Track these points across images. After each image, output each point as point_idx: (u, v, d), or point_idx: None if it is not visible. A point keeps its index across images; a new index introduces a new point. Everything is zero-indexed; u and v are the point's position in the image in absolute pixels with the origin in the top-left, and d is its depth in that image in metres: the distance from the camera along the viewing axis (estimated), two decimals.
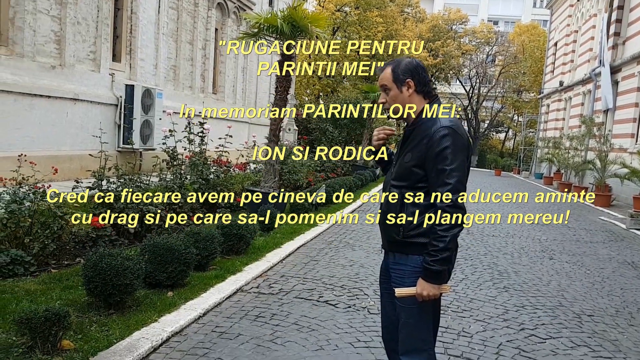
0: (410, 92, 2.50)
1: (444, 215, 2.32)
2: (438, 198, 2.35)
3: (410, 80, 2.49)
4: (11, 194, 4.79)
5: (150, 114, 11.40)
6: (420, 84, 2.51)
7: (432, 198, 2.38)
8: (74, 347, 3.23)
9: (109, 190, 5.82)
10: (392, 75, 2.52)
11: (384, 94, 2.57)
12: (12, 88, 8.29)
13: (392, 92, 2.53)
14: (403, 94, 2.51)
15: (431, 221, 2.38)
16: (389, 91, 2.54)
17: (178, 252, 4.48)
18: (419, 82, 2.50)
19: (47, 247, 4.75)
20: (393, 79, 2.51)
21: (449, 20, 43.61)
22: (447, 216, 2.32)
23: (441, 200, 2.34)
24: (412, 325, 2.50)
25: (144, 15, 12.15)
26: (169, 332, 3.70)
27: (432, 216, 2.38)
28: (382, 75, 2.56)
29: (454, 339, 4.13)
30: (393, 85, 2.52)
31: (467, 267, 6.52)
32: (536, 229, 10.23)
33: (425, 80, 2.52)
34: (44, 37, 9.17)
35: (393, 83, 2.52)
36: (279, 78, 8.66)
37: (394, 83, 2.52)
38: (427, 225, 2.39)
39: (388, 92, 2.54)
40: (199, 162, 7.88)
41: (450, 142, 2.36)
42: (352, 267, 6.06)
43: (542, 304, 5.22)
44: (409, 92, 2.50)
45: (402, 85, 2.50)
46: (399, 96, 2.52)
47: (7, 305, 3.73)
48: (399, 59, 2.58)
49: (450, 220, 2.32)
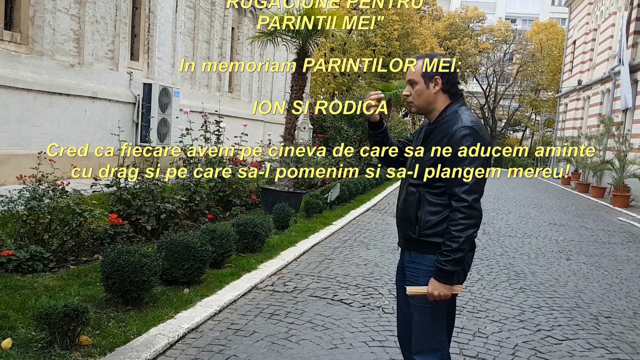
0: (437, 89, 2.47)
1: (460, 215, 2.31)
2: (455, 198, 2.34)
3: (439, 78, 2.46)
4: (31, 191, 4.86)
5: (167, 113, 11.50)
6: (449, 83, 2.48)
7: (449, 197, 2.37)
8: (91, 342, 3.28)
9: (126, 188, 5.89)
10: (422, 69, 2.47)
11: (410, 87, 2.52)
12: (32, 86, 8.41)
13: (419, 87, 2.48)
14: (429, 90, 2.47)
15: (447, 221, 2.37)
16: (415, 85, 2.49)
17: (194, 250, 4.52)
18: (447, 81, 2.47)
19: (66, 244, 4.82)
20: (422, 73, 2.47)
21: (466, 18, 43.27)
22: (462, 217, 2.31)
23: (457, 200, 2.32)
24: (425, 324, 2.49)
25: (162, 14, 12.25)
26: (185, 329, 3.74)
27: (448, 216, 2.37)
28: (412, 68, 2.50)
29: (470, 339, 4.11)
30: (421, 79, 2.47)
31: (483, 267, 6.48)
32: (553, 229, 10.13)
33: (454, 80, 2.50)
34: (63, 36, 9.29)
35: (421, 77, 2.47)
36: (294, 76, 8.69)
37: (422, 78, 2.47)
38: (444, 225, 2.38)
39: (414, 85, 2.49)
40: (215, 160, 7.93)
41: (471, 142, 2.34)
42: (367, 266, 6.06)
43: (559, 305, 5.17)
44: (436, 90, 2.47)
45: (429, 81, 2.46)
46: (425, 92, 2.48)
47: (26, 301, 3.80)
48: (430, 54, 2.53)
49: (465, 221, 2.31)
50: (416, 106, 2.54)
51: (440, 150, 2.40)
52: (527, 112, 46.08)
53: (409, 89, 2.53)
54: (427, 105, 2.50)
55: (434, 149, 2.43)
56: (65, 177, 5.57)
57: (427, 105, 2.50)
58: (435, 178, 2.42)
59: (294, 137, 8.88)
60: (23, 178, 5.07)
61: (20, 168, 6.65)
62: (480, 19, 43.74)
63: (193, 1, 13.81)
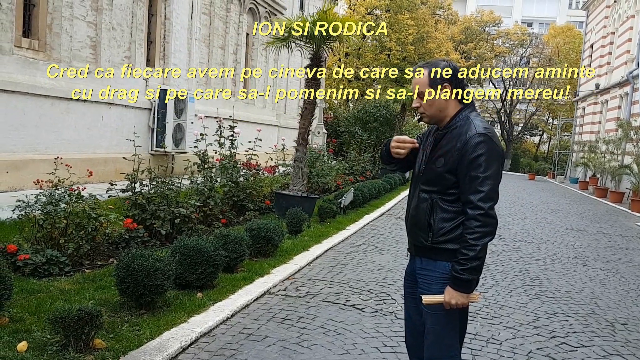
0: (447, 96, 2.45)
1: (476, 223, 2.29)
2: (470, 205, 2.32)
3: (448, 85, 2.44)
4: (47, 196, 4.93)
5: (182, 118, 11.60)
6: (457, 87, 2.46)
7: (464, 205, 2.36)
8: (105, 346, 3.31)
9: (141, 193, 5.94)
10: (428, 80, 2.45)
11: (419, 99, 2.50)
12: (49, 92, 8.55)
13: (428, 98, 2.46)
14: (440, 98, 2.45)
15: (461, 229, 2.35)
16: (424, 96, 2.46)
17: (207, 254, 4.55)
18: (456, 85, 2.45)
19: (82, 248, 4.88)
20: (429, 83, 2.45)
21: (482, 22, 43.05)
22: (478, 225, 2.29)
23: (473, 208, 2.31)
24: (439, 331, 2.47)
25: (177, 20, 12.38)
26: (198, 333, 3.76)
27: (462, 224, 2.35)
28: (417, 80, 2.48)
29: (483, 345, 4.08)
30: (430, 89, 2.44)
31: (497, 273, 6.43)
32: (570, 235, 10.01)
33: (462, 84, 2.48)
34: (80, 43, 9.43)
35: (430, 88, 2.45)
36: (308, 82, 8.71)
37: (431, 88, 2.44)
38: (458, 232, 2.36)
39: (424, 96, 2.47)
40: (229, 165, 7.98)
41: (486, 149, 2.32)
42: (380, 272, 6.04)
43: (574, 312, 5.11)
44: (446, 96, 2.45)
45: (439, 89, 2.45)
46: (435, 101, 2.45)
47: (42, 304, 3.85)
48: (434, 61, 2.51)
49: (481, 229, 2.29)
50: (428, 116, 2.51)
51: (453, 156, 2.38)
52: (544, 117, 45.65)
53: (418, 100, 2.51)
54: (439, 113, 2.48)
55: (446, 156, 2.41)
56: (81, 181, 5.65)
57: (439, 113, 2.48)
58: (448, 185, 2.40)
59: (308, 142, 8.90)
60: (40, 183, 5.14)
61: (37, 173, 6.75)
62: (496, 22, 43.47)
63: (208, 8, 13.94)
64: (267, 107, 18.01)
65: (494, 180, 2.33)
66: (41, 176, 5.51)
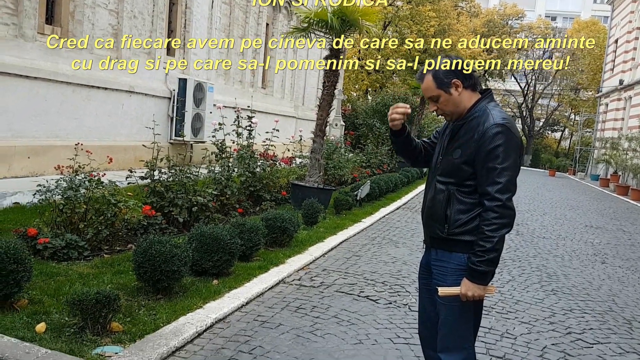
0: (460, 90, 2.43)
1: (493, 215, 2.27)
2: (487, 197, 2.30)
3: (457, 80, 2.42)
4: (68, 181, 5.01)
5: (201, 108, 11.65)
6: (466, 78, 2.43)
7: (481, 196, 2.34)
8: (122, 329, 3.36)
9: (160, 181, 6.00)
10: (435, 83, 2.43)
11: (433, 103, 2.49)
12: (70, 79, 8.64)
13: (442, 98, 2.44)
14: (453, 95, 2.43)
15: (478, 220, 2.34)
16: (438, 98, 2.45)
17: (223, 242, 4.59)
18: (464, 77, 2.43)
19: (101, 233, 4.95)
20: (437, 85, 2.42)
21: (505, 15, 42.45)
22: (496, 216, 2.27)
23: (490, 199, 2.29)
24: (453, 322, 2.47)
25: (198, 10, 12.41)
26: (213, 319, 3.80)
27: (479, 215, 2.33)
28: (425, 86, 2.46)
29: (497, 340, 4.06)
30: (440, 91, 2.43)
31: (514, 268, 6.38)
32: (589, 232, 9.88)
33: (470, 74, 2.45)
34: (101, 31, 9.51)
35: (439, 90, 2.43)
36: (326, 73, 8.69)
37: (440, 89, 2.42)
38: (474, 223, 2.35)
39: (437, 99, 2.45)
40: (247, 155, 8.02)
41: (504, 140, 2.30)
42: (395, 264, 6.03)
43: (591, 309, 5.05)
44: (459, 91, 2.43)
45: (449, 88, 2.42)
46: (450, 99, 2.43)
47: (61, 287, 3.92)
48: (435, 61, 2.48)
49: (498, 220, 2.27)
50: (449, 114, 2.49)
51: (470, 148, 2.36)
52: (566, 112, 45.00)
53: (433, 105, 2.49)
54: (456, 108, 2.46)
55: (463, 147, 2.39)
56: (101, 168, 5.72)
57: (456, 108, 2.46)
58: (465, 176, 2.39)
59: (325, 134, 8.89)
60: (60, 168, 5.22)
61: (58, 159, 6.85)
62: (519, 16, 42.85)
63: None
64: (285, 99, 18.01)
65: (512, 171, 2.30)
66: (62, 162, 5.58)
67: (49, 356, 2.92)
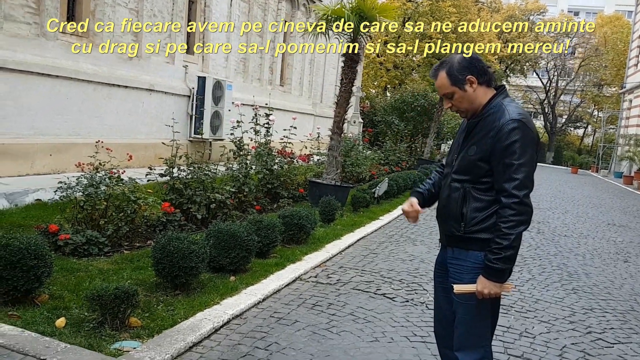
0: (475, 87, 2.40)
1: (510, 212, 2.25)
2: (504, 194, 2.27)
3: (471, 76, 2.39)
4: (88, 179, 5.08)
5: (220, 105, 11.72)
6: (481, 74, 2.41)
7: (497, 193, 2.31)
8: (140, 324, 3.40)
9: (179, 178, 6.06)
10: (449, 80, 2.41)
11: (448, 100, 2.47)
12: (91, 78, 8.75)
13: (457, 95, 2.42)
14: (468, 92, 2.40)
15: (494, 218, 2.31)
16: (452, 95, 2.43)
17: (240, 239, 4.61)
18: (478, 73, 2.40)
19: (121, 230, 5.02)
20: (452, 82, 2.40)
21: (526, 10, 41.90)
22: (513, 213, 2.24)
23: (507, 196, 2.26)
24: (469, 321, 2.44)
25: (217, 8, 12.47)
26: (230, 315, 3.83)
27: (496, 212, 2.31)
28: (439, 83, 2.44)
29: (516, 339, 4.02)
30: (454, 88, 2.41)
31: (535, 267, 6.31)
32: (612, 230, 9.72)
33: (484, 68, 2.42)
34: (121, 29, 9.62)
35: (454, 87, 2.41)
36: (344, 70, 8.67)
37: (455, 86, 2.40)
38: (491, 221, 2.32)
39: (452, 96, 2.44)
40: (264, 152, 8.05)
41: (520, 135, 2.27)
42: (412, 262, 6.00)
43: (613, 308, 4.97)
44: (474, 88, 2.40)
45: (464, 85, 2.39)
46: (465, 96, 2.41)
47: (81, 283, 3.98)
48: (448, 59, 2.46)
49: (516, 217, 2.24)
50: (464, 111, 2.48)
51: (486, 144, 2.33)
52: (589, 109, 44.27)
53: (448, 102, 2.48)
54: (471, 105, 2.44)
55: (479, 143, 2.37)
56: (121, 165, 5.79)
57: (471, 105, 2.44)
58: (481, 173, 2.36)
59: (343, 131, 8.87)
60: (81, 166, 5.30)
61: (79, 156, 6.94)
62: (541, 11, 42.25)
63: None
64: (303, 96, 18.01)
65: (528, 167, 2.27)
66: (83, 159, 5.66)
67: (68, 351, 2.97)
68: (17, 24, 7.54)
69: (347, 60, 8.63)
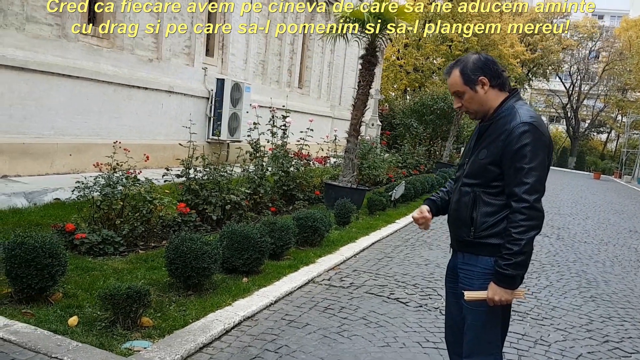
0: (486, 89, 2.37)
1: (521, 217, 2.20)
2: (514, 198, 2.23)
3: (484, 77, 2.36)
4: (106, 179, 5.13)
5: (238, 107, 11.78)
6: (494, 77, 2.37)
7: (508, 197, 2.27)
8: (152, 324, 3.42)
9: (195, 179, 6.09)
10: (462, 79, 2.38)
11: (458, 99, 2.45)
12: (112, 79, 8.87)
13: (467, 95, 2.39)
14: (479, 93, 2.38)
15: (505, 223, 2.27)
16: (463, 95, 2.41)
17: (253, 240, 4.62)
18: (492, 76, 2.37)
19: (136, 229, 5.06)
20: (464, 81, 2.38)
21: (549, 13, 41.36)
22: (523, 218, 2.20)
23: (518, 200, 2.22)
24: (479, 327, 2.40)
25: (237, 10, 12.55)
26: (241, 316, 3.83)
27: (507, 217, 2.26)
28: (451, 81, 2.42)
29: (530, 346, 3.95)
30: (466, 88, 2.38)
31: (552, 273, 6.21)
32: (633, 237, 9.53)
33: (498, 71, 2.38)
34: (142, 31, 9.73)
35: (465, 86, 2.38)
36: (361, 72, 8.65)
37: (466, 85, 2.38)
38: (501, 226, 2.28)
39: (462, 95, 2.41)
40: (280, 154, 8.06)
41: (531, 139, 2.23)
42: (427, 266, 5.95)
43: (631, 317, 4.86)
44: (485, 90, 2.37)
45: (475, 85, 2.37)
46: (475, 97, 2.38)
47: (95, 282, 4.02)
48: (464, 58, 2.43)
49: (526, 222, 2.20)
50: (472, 112, 2.45)
51: (497, 147, 2.30)
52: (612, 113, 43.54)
53: (458, 100, 2.45)
54: (481, 107, 2.41)
55: (490, 147, 2.33)
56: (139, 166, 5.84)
57: (481, 107, 2.41)
58: (491, 177, 2.32)
59: (359, 133, 8.84)
60: (99, 166, 5.36)
61: (98, 156, 7.02)
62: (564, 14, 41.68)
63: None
64: (321, 98, 18.01)
65: (539, 171, 2.23)
66: (102, 160, 5.73)
67: (79, 349, 2.99)
68: (39, 25, 7.68)
69: (365, 62, 8.60)
